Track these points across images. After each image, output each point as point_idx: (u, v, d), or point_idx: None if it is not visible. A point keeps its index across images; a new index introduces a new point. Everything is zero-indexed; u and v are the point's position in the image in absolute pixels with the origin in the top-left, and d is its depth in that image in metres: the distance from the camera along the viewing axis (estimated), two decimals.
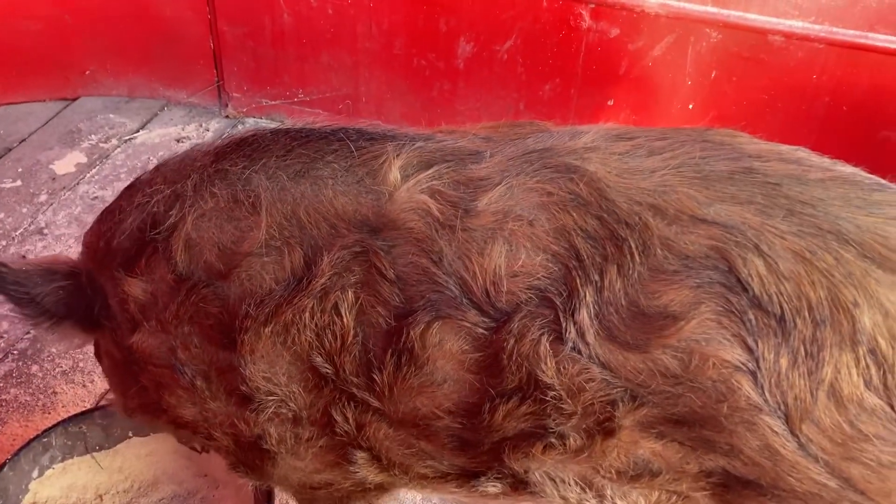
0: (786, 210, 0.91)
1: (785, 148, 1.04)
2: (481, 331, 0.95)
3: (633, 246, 0.91)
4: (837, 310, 0.86)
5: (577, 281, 0.92)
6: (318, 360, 1.03)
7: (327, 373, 1.04)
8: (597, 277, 0.91)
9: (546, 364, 0.92)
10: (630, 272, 0.90)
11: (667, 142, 1.00)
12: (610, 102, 2.29)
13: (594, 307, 0.91)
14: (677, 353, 0.88)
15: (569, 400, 0.93)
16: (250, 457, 1.20)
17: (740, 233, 0.89)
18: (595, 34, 2.18)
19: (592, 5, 2.13)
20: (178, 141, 2.82)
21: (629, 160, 0.97)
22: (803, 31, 2.08)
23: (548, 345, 0.92)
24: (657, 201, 0.92)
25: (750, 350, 0.87)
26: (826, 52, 2.10)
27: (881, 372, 0.85)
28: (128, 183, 1.25)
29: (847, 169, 1.01)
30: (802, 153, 1.03)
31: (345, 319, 1.01)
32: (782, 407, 0.87)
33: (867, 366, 0.85)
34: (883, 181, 1.00)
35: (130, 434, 1.69)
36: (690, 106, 2.27)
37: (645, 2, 2.11)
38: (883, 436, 0.85)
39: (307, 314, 1.02)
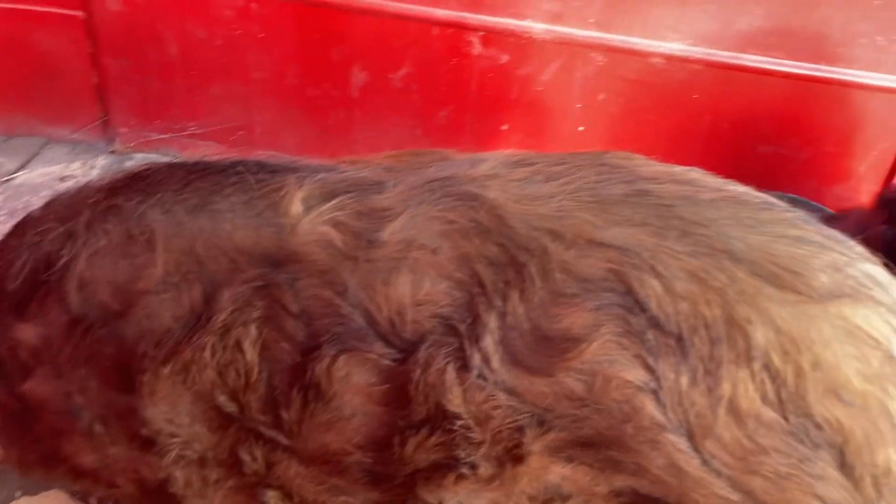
0: (680, 231, 0.95)
1: (679, 169, 1.09)
2: (387, 362, 0.95)
3: (533, 271, 0.92)
4: (732, 327, 0.89)
5: (481, 307, 0.93)
6: (222, 398, 1.01)
7: (232, 412, 1.02)
8: (500, 303, 0.92)
9: (452, 393, 0.92)
10: (531, 297, 0.92)
11: (564, 167, 1.03)
12: (504, 127, 2.36)
13: (498, 333, 0.92)
14: (581, 376, 0.90)
15: (477, 428, 0.93)
16: (157, 503, 1.16)
17: (636, 255, 0.92)
18: (486, 61, 2.24)
19: (482, 32, 2.19)
20: (62, 180, 2.70)
21: (528, 187, 1.00)
22: (682, 53, 2.20)
23: (454, 373, 0.92)
24: (555, 226, 0.95)
25: (651, 370, 0.89)
26: (704, 73, 2.23)
27: (775, 386, 0.89)
28: (9, 225, 1.20)
29: (738, 188, 1.06)
30: (696, 174, 1.08)
31: (248, 356, 0.99)
32: (685, 424, 0.89)
33: (762, 381, 0.89)
34: (771, 199, 1.06)
35: (18, 494, 1.60)
36: (581, 128, 2.35)
37: (532, 28, 2.18)
38: (780, 448, 0.89)
39: (208, 352, 1.00)
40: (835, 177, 2.38)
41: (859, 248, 1.05)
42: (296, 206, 1.02)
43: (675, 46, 2.19)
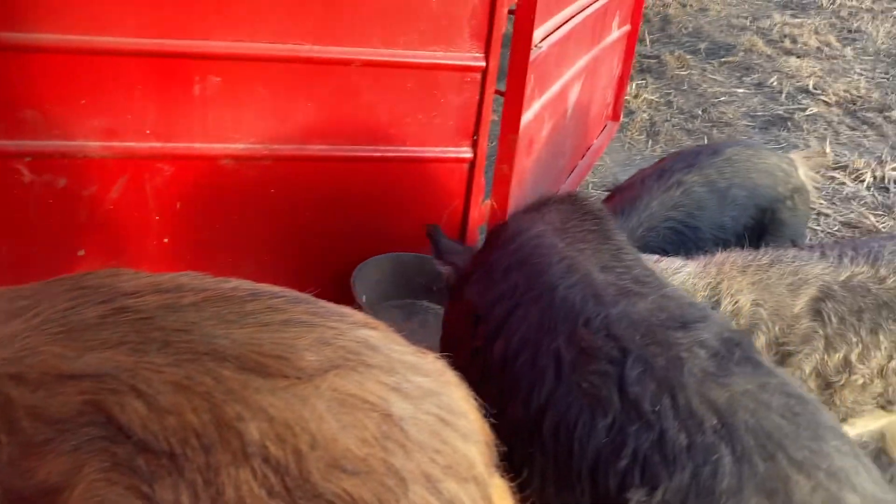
0: (161, 342, 0.93)
1: (167, 277, 1.07)
2: None
3: None
4: (224, 429, 0.88)
5: None
6: None
7: None
8: None
9: None
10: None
11: (32, 299, 0.97)
12: (81, 252, 2.22)
13: None
14: None
15: None
16: None
17: (114, 378, 0.88)
18: (41, 187, 2.11)
19: (29, 158, 2.06)
20: None
21: None
22: (248, 151, 2.26)
23: None
24: (18, 370, 0.88)
25: (147, 497, 0.84)
26: (275, 168, 2.31)
27: (279, 477, 0.88)
28: None
29: (227, 285, 1.07)
30: (185, 279, 1.07)
31: None
32: None
33: (265, 475, 0.88)
34: (259, 289, 1.08)
35: None
36: (166, 240, 2.30)
37: (85, 147, 2.10)
38: None
39: None
40: (424, 237, 2.58)
41: (358, 317, 1.11)
42: None
43: (239, 146, 2.25)
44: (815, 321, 1.83)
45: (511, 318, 1.63)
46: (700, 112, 5.36)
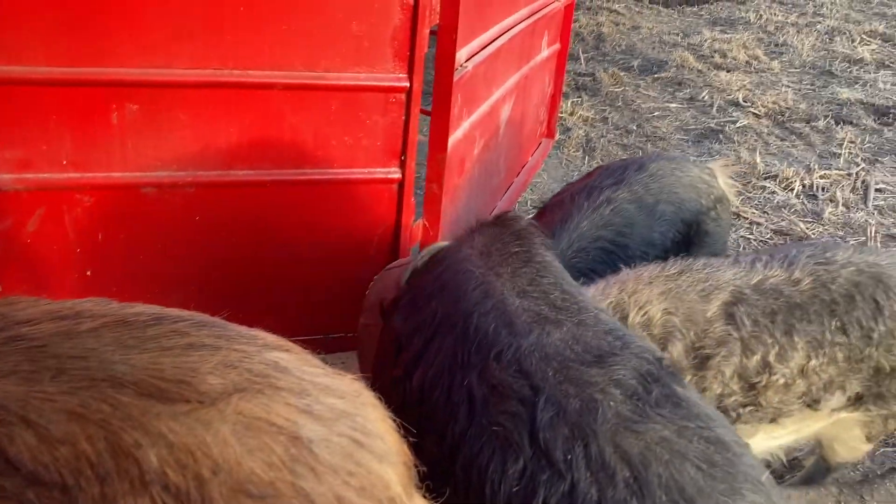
0: (55, 370, 0.91)
1: (67, 304, 1.05)
2: None
3: None
4: (121, 457, 0.86)
5: None
6: None
7: None
8: None
9: None
10: None
11: None
12: None
13: None
14: None
15: None
16: None
17: (2, 409, 0.86)
18: None
19: None
20: None
21: None
22: (171, 178, 2.23)
23: None
24: None
25: None
26: (200, 194, 2.28)
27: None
28: None
29: (129, 310, 1.05)
30: (87, 304, 1.05)
31: None
32: None
33: (164, 503, 0.86)
34: (164, 313, 1.06)
35: None
36: (88, 273, 2.25)
37: None
38: None
39: None
40: (356, 259, 2.57)
41: (269, 339, 1.10)
42: None
43: (161, 174, 2.22)
44: (728, 325, 1.86)
45: (429, 347, 1.60)
46: (635, 127, 5.47)
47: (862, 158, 4.93)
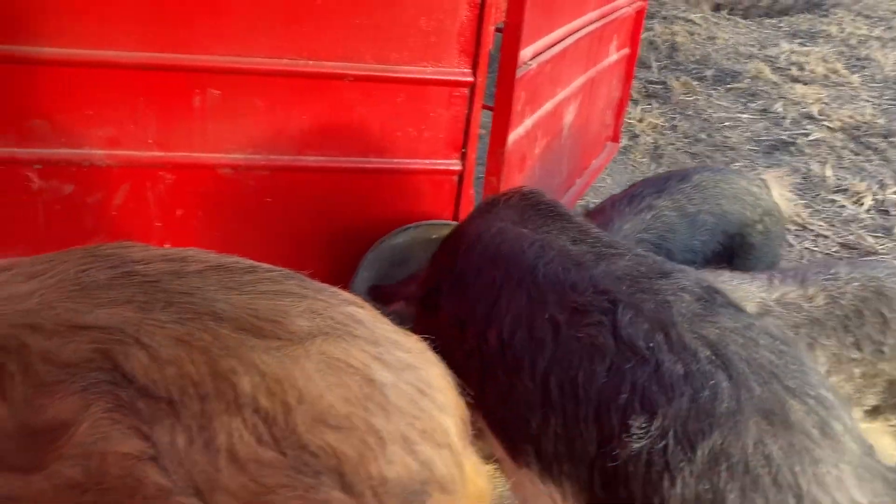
0: (164, 302, 1.08)
1: (174, 250, 1.24)
2: None
3: (12, 369, 0.99)
4: (219, 381, 1.01)
5: None
6: None
7: None
8: None
9: None
10: (14, 395, 0.98)
11: (48, 264, 1.14)
12: None
13: None
14: (76, 461, 0.96)
15: None
16: None
17: (120, 331, 1.03)
18: (48, 194, 2.30)
19: (39, 166, 2.26)
20: None
21: (7, 289, 1.09)
22: (246, 161, 2.46)
23: None
24: (35, 320, 1.03)
25: (147, 437, 0.97)
26: (272, 177, 2.51)
27: (268, 427, 1.01)
28: None
29: (228, 259, 1.24)
30: (190, 252, 1.24)
31: None
32: (191, 483, 0.97)
33: (255, 424, 1.01)
34: (257, 265, 1.26)
35: None
36: (167, 246, 2.48)
37: (92, 155, 2.30)
38: (285, 483, 1.00)
39: None
40: None
41: (346, 295, 1.29)
42: None
43: (238, 156, 2.44)
44: None
45: (497, 308, 1.75)
46: (704, 136, 5.56)
47: None
